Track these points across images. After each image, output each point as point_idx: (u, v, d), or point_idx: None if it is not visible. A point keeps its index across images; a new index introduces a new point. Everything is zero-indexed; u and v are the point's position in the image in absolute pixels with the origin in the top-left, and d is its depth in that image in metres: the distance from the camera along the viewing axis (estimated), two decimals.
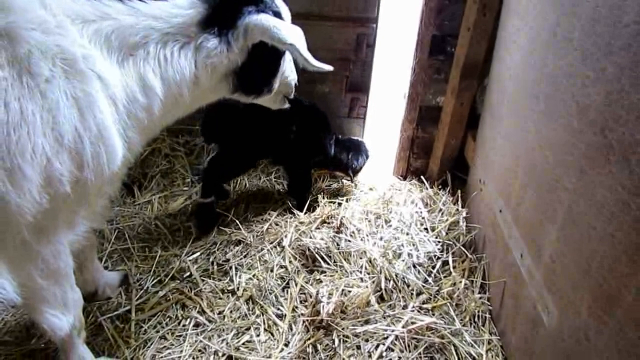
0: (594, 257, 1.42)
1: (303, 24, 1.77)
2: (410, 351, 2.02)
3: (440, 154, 2.94)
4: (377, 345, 2.03)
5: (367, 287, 2.27)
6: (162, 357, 2.02)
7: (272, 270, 2.41)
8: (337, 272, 2.40)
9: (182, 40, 1.56)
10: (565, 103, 1.66)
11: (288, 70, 2.00)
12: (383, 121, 3.31)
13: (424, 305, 2.22)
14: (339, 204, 2.82)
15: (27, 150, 1.23)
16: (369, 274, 2.37)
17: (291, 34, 1.65)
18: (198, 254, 2.50)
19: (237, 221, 2.67)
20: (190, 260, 2.45)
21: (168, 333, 2.12)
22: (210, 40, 1.59)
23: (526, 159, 1.97)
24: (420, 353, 2.02)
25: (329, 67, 1.79)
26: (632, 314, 1.26)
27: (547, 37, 1.82)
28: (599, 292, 1.40)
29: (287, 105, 2.21)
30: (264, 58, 1.73)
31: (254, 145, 2.64)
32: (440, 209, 2.77)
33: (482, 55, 2.56)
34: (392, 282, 2.30)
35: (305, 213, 2.74)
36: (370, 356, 1.99)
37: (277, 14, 1.71)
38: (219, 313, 2.21)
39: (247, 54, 1.68)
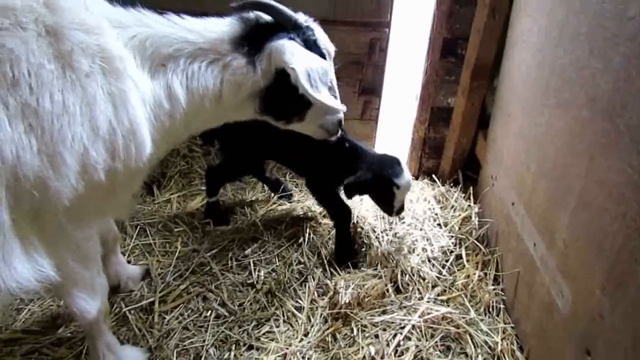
0: (606, 237, 1.48)
1: None
2: (427, 340, 2.07)
3: (452, 153, 3.01)
4: (395, 335, 2.08)
5: (382, 278, 2.33)
6: (184, 346, 2.09)
7: (290, 265, 2.47)
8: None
9: (211, 56, 1.61)
10: (574, 94, 1.73)
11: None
12: (395, 122, 3.39)
13: (439, 297, 2.28)
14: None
15: (67, 139, 1.32)
16: (385, 267, 2.42)
17: (297, 60, 1.59)
18: (217, 250, 2.57)
19: (256, 219, 2.74)
20: (209, 256, 2.52)
21: (190, 324, 2.18)
22: (237, 59, 1.62)
23: (537, 151, 2.03)
24: (436, 342, 2.07)
25: (340, 106, 1.73)
26: None
27: (556, 34, 1.91)
28: (611, 271, 1.46)
29: (333, 138, 2.08)
30: (291, 86, 1.63)
31: (252, 152, 2.61)
32: (453, 205, 2.83)
33: (492, 57, 2.64)
34: (407, 275, 2.36)
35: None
36: (388, 345, 2.04)
37: (309, 43, 1.70)
38: (239, 305, 2.27)
39: (273, 79, 1.67)
